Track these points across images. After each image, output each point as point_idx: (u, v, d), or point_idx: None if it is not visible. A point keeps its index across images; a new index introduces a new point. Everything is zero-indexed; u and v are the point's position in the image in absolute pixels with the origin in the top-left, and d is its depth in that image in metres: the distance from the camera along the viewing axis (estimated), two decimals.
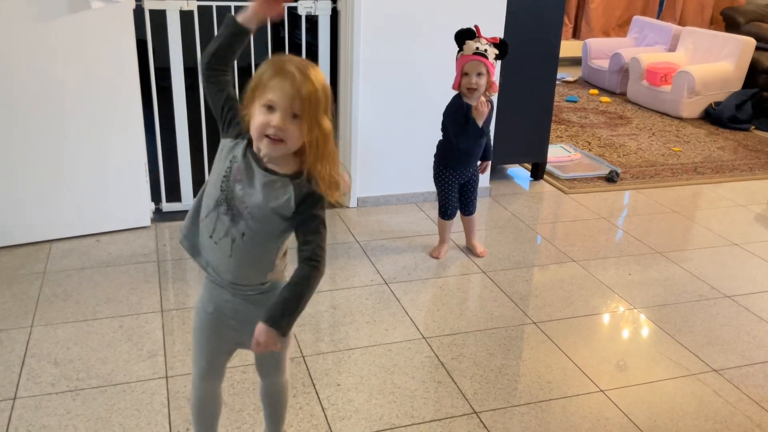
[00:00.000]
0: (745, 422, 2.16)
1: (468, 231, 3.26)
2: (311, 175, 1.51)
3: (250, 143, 1.53)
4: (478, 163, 3.13)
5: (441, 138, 3.09)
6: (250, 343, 1.56)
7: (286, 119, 1.44)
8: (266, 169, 1.52)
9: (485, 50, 2.80)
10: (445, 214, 3.14)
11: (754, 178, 4.55)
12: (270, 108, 1.44)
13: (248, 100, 1.50)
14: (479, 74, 2.80)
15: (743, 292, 2.99)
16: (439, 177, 3.09)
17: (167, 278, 2.90)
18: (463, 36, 2.85)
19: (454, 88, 2.91)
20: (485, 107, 2.85)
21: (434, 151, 3.65)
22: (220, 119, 1.58)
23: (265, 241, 1.56)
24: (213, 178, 1.57)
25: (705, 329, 2.69)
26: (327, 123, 1.49)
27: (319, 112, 1.46)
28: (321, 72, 1.50)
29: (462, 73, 2.83)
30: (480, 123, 2.86)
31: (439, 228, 3.23)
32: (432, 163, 3.13)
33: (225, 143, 1.56)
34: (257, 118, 1.46)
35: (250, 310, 1.62)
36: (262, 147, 1.48)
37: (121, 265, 2.98)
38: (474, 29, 2.84)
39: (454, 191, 3.10)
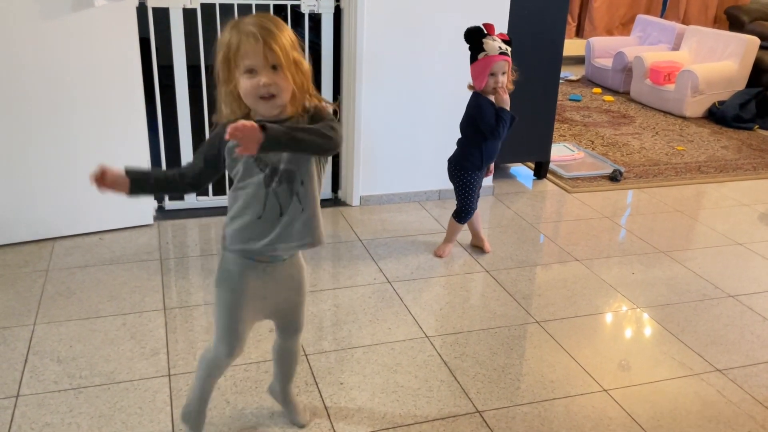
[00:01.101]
0: (749, 422, 2.16)
1: (477, 227, 3.23)
2: (310, 104, 1.61)
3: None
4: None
5: (462, 142, 3.04)
6: (278, 313, 1.82)
7: (269, 75, 1.51)
8: (280, 122, 1.56)
9: (506, 50, 2.81)
10: (464, 218, 3.11)
11: (757, 177, 4.54)
12: (251, 71, 1.52)
13: (224, 76, 1.57)
14: (503, 73, 2.82)
15: (747, 291, 2.99)
16: (463, 180, 3.04)
17: (170, 276, 2.90)
18: (476, 35, 2.82)
19: (479, 88, 2.88)
20: (505, 92, 2.86)
21: (437, 149, 3.65)
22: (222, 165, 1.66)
23: (313, 173, 1.65)
24: (245, 178, 1.63)
25: (708, 329, 2.68)
26: (303, 61, 1.58)
27: (292, 54, 1.54)
28: (276, 18, 1.58)
29: (489, 74, 2.81)
30: (507, 108, 2.86)
31: (450, 229, 3.19)
32: (434, 161, 3.13)
33: (228, 151, 1.62)
34: (244, 85, 1.54)
35: (280, 282, 1.76)
36: (259, 109, 1.57)
37: (124, 263, 2.98)
38: (483, 27, 2.82)
39: (477, 194, 3.08)
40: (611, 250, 3.35)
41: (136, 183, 1.63)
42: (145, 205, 3.33)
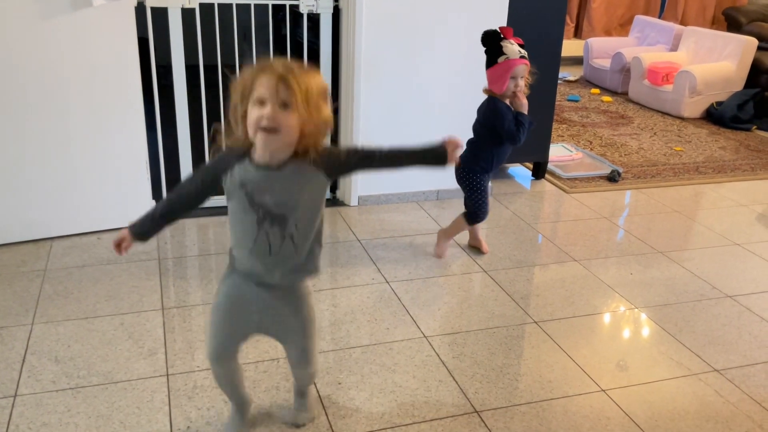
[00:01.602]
0: (747, 422, 2.16)
1: (476, 228, 3.21)
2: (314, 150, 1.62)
3: (247, 159, 1.62)
4: None
5: (474, 143, 3.00)
6: (272, 330, 1.82)
7: (275, 108, 1.51)
8: (278, 167, 1.60)
9: (526, 54, 2.79)
10: (476, 221, 3.08)
11: (755, 178, 4.55)
12: (261, 102, 1.53)
13: (236, 111, 1.58)
14: (522, 77, 2.79)
15: (745, 292, 2.99)
16: (473, 183, 3.00)
17: (168, 276, 2.89)
18: (493, 38, 2.79)
19: (499, 92, 2.83)
20: (523, 97, 2.85)
21: None
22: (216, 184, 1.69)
23: (314, 214, 1.69)
24: (239, 213, 1.66)
25: (706, 329, 2.68)
26: (325, 111, 1.59)
27: (312, 100, 1.54)
28: (312, 70, 1.58)
29: (510, 77, 2.78)
30: (526, 112, 2.84)
31: (455, 226, 3.14)
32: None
33: (225, 185, 1.65)
34: (251, 115, 1.54)
35: (278, 305, 1.77)
36: (258, 141, 1.56)
37: (122, 263, 2.97)
38: (502, 32, 2.79)
39: (487, 196, 3.04)
40: (609, 250, 3.36)
41: (141, 236, 1.80)
42: (143, 205, 3.31)
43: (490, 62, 2.83)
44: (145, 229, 1.78)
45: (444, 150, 1.75)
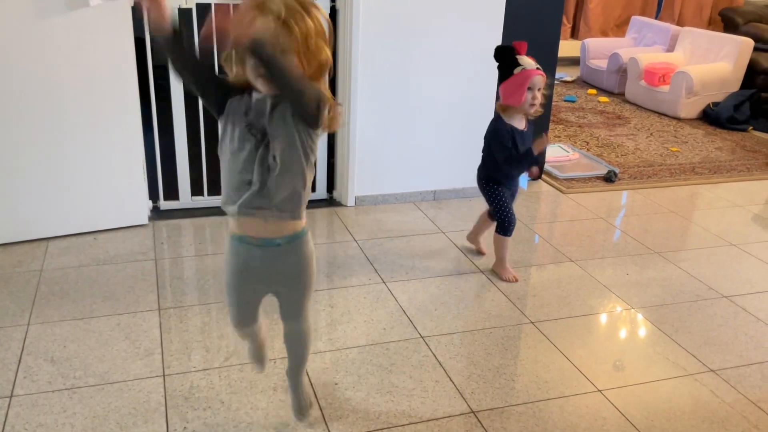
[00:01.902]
0: (742, 422, 2.16)
1: (482, 229, 3.17)
2: None
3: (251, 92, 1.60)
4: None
5: (484, 156, 2.96)
6: (276, 288, 1.82)
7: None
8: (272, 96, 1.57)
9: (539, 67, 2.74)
10: (508, 229, 2.96)
11: (751, 178, 4.56)
12: None
13: (231, 55, 1.55)
14: (539, 89, 2.73)
15: (741, 292, 3.00)
16: (493, 193, 2.95)
17: (164, 276, 2.89)
18: (509, 52, 2.74)
19: (516, 104, 2.74)
20: (548, 140, 2.82)
21: (432, 149, 3.66)
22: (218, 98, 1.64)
23: (295, 147, 1.61)
24: (236, 139, 1.61)
25: (702, 329, 2.69)
26: (323, 50, 1.52)
27: (310, 42, 1.49)
28: (315, 5, 1.52)
29: (528, 88, 2.71)
30: (536, 152, 2.77)
31: (497, 246, 3.01)
32: (429, 162, 3.11)
33: (230, 105, 1.62)
34: (248, 61, 1.51)
35: (277, 261, 1.75)
36: (258, 86, 1.55)
37: (118, 264, 2.97)
38: (516, 47, 2.74)
39: (510, 204, 2.96)
40: (606, 250, 3.36)
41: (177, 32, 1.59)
42: (140, 205, 3.32)
43: (505, 75, 2.75)
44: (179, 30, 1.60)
45: None
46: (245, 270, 1.77)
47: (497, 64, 2.81)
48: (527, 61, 2.73)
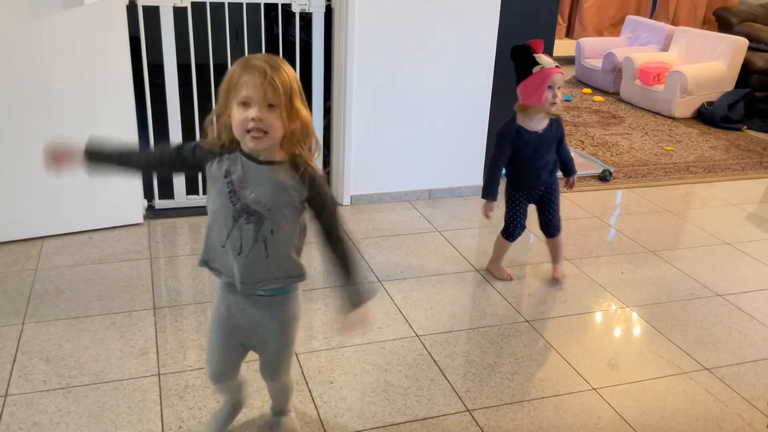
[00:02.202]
0: (737, 420, 2.17)
1: (552, 254, 3.02)
2: (301, 158, 1.59)
3: (236, 151, 1.59)
4: (557, 177, 2.89)
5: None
6: (255, 344, 1.77)
7: (262, 110, 1.49)
8: (266, 162, 1.57)
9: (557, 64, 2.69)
10: (512, 235, 2.91)
11: (746, 177, 4.58)
12: (245, 104, 1.50)
13: (222, 107, 1.55)
14: (559, 87, 2.67)
15: (735, 291, 3.01)
16: (508, 196, 2.90)
17: (160, 276, 2.89)
18: (525, 52, 2.68)
19: (537, 104, 2.67)
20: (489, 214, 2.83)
21: (428, 148, 3.67)
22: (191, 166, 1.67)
23: (292, 226, 1.64)
24: (217, 203, 1.62)
25: (697, 328, 2.70)
26: (304, 111, 1.55)
27: (295, 100, 1.52)
28: (288, 65, 1.55)
29: (548, 87, 2.64)
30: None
31: (496, 247, 2.99)
32: (425, 161, 3.10)
33: (210, 170, 1.61)
34: (236, 117, 1.51)
35: (259, 314, 1.71)
36: (247, 143, 1.53)
37: (113, 263, 2.97)
38: (533, 45, 2.68)
39: (522, 211, 2.89)
40: (600, 249, 3.37)
41: (90, 155, 1.68)
42: (135, 204, 3.31)
43: (524, 75, 2.68)
44: (97, 150, 1.67)
45: (352, 307, 1.69)
46: (225, 311, 1.73)
47: (514, 64, 2.74)
48: (545, 60, 2.66)
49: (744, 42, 6.06)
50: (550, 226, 2.93)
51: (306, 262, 1.74)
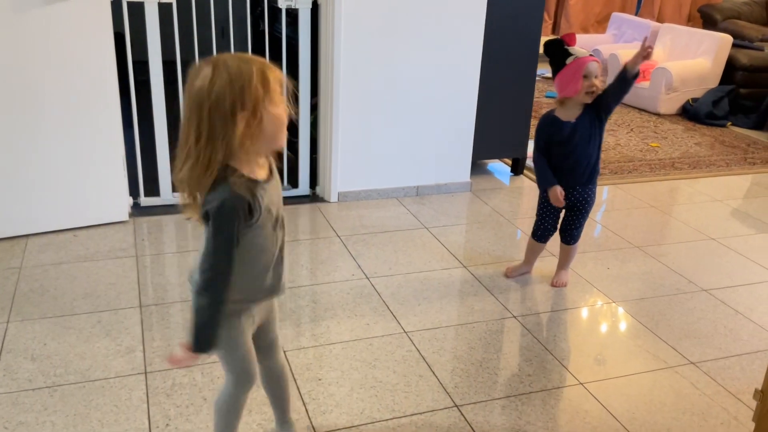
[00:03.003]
0: (722, 414, 2.19)
1: (560, 258, 3.00)
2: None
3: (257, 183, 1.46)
4: (595, 189, 2.82)
5: None
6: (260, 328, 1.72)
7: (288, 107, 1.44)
8: (267, 178, 1.51)
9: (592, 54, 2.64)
10: (535, 234, 2.92)
11: (730, 173, 4.61)
12: (277, 104, 1.41)
13: (250, 119, 1.38)
14: (596, 77, 2.62)
15: (720, 285, 3.03)
16: (539, 197, 2.88)
17: (146, 273, 2.87)
18: (558, 46, 2.68)
19: (573, 94, 2.63)
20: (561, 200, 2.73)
21: (415, 145, 3.66)
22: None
23: None
24: (264, 237, 1.51)
25: (682, 323, 2.72)
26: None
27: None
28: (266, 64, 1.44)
29: (583, 76, 2.60)
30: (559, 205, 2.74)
31: (527, 247, 3.00)
32: (412, 158, 3.10)
33: (257, 212, 1.46)
34: (280, 117, 1.41)
35: (271, 303, 1.73)
36: (280, 140, 1.45)
37: (99, 260, 2.95)
38: (566, 39, 2.68)
39: (551, 212, 2.86)
40: (587, 245, 3.38)
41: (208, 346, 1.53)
42: (120, 202, 3.29)
43: (559, 67, 2.66)
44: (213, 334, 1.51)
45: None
46: (246, 329, 1.66)
47: (549, 59, 2.72)
48: (579, 51, 2.65)
49: (728, 39, 6.11)
50: (569, 236, 2.91)
51: (293, 261, 1.74)
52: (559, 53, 2.67)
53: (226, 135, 1.37)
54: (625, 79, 2.59)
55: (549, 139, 2.74)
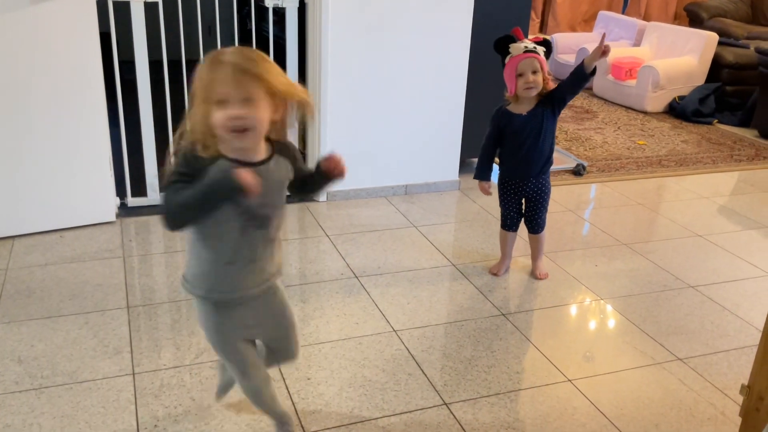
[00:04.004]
0: (709, 409, 2.20)
1: (531, 249, 3.04)
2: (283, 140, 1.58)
3: (220, 158, 1.48)
4: (549, 178, 2.89)
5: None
6: (269, 336, 1.80)
7: (241, 107, 1.41)
8: (260, 163, 1.52)
9: (534, 47, 2.66)
10: (504, 223, 2.98)
11: (717, 170, 4.64)
12: (222, 102, 1.41)
13: (198, 110, 1.44)
14: (534, 71, 2.64)
15: (706, 282, 3.05)
16: (499, 190, 2.95)
17: (133, 274, 2.86)
18: (505, 42, 2.68)
19: (510, 93, 2.71)
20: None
21: (404, 144, 3.66)
22: None
23: (284, 209, 1.66)
24: (217, 224, 1.52)
25: (669, 319, 2.73)
26: (285, 87, 1.47)
27: (274, 84, 1.44)
28: (256, 51, 1.48)
29: (516, 75, 2.64)
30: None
31: (500, 240, 3.05)
32: (401, 156, 3.11)
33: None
34: (215, 118, 1.42)
35: (267, 304, 1.72)
36: (234, 141, 1.46)
37: (85, 261, 2.93)
38: (514, 34, 2.68)
39: (512, 202, 2.92)
40: (575, 243, 3.40)
41: None
42: (107, 202, 3.27)
43: (503, 65, 2.71)
44: None
45: (323, 168, 1.64)
46: (231, 323, 1.70)
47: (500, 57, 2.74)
48: (516, 47, 2.66)
49: (714, 37, 6.14)
50: (534, 224, 2.95)
51: (282, 260, 1.74)
52: (501, 52, 2.71)
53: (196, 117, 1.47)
54: (582, 74, 2.65)
55: (501, 132, 2.79)
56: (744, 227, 3.70)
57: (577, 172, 4.36)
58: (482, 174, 2.88)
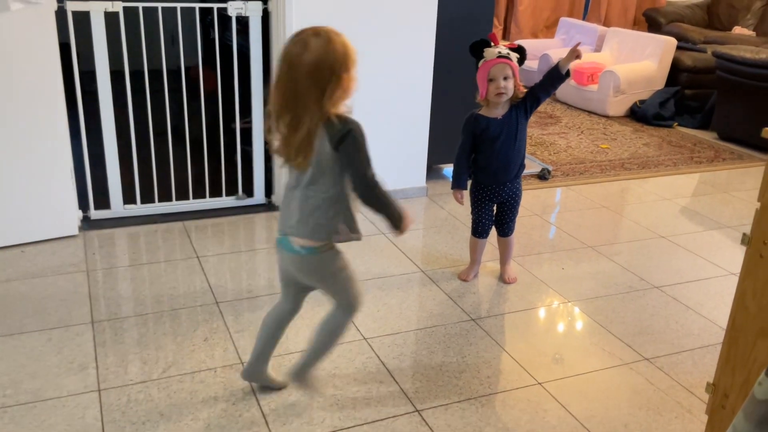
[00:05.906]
0: (676, 408, 2.24)
1: (500, 253, 3.06)
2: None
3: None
4: (521, 184, 2.94)
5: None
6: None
7: None
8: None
9: (507, 53, 2.70)
10: (476, 231, 2.97)
11: (678, 172, 4.73)
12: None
13: (347, 83, 2.01)
14: (506, 77, 2.68)
15: (670, 282, 3.10)
16: (471, 196, 2.94)
17: (97, 288, 2.81)
18: (479, 46, 2.72)
19: (481, 97, 2.75)
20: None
21: (384, 150, 3.63)
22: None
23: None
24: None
25: (636, 320, 2.77)
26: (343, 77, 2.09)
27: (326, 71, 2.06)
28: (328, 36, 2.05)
29: (488, 80, 2.68)
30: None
31: (469, 246, 3.06)
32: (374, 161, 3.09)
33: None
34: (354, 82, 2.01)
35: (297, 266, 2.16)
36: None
37: (48, 276, 2.87)
38: (489, 39, 2.72)
39: (486, 208, 2.92)
40: (542, 246, 3.43)
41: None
42: (69, 215, 3.21)
43: (476, 69, 2.74)
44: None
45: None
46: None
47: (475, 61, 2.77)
48: (489, 51, 2.69)
49: (673, 42, 6.27)
50: (506, 227, 2.97)
51: (249, 269, 1.71)
52: (475, 55, 2.74)
53: (335, 91, 1.97)
54: (557, 75, 2.72)
55: (475, 139, 2.81)
56: (705, 227, 3.77)
57: (543, 176, 4.40)
58: (459, 183, 2.86)
